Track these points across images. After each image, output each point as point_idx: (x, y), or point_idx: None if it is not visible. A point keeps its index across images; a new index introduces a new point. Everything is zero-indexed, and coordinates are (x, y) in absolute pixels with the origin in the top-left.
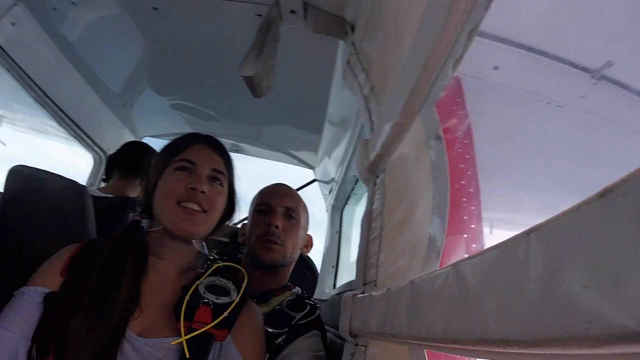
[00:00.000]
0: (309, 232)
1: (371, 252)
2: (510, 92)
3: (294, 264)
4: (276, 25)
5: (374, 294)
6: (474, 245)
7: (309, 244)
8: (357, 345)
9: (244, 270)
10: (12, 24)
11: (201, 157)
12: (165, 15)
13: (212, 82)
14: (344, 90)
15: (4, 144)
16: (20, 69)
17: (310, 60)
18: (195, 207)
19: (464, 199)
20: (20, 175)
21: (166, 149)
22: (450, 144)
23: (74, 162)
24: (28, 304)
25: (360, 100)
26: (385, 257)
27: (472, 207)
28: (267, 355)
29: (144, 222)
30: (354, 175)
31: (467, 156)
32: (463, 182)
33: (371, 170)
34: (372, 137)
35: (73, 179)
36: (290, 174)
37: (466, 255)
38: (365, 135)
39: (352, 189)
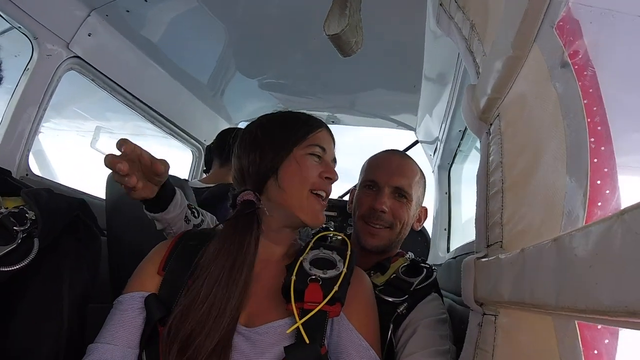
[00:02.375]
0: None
1: (493, 210)
2: (623, 19)
3: (402, 239)
4: None
5: (502, 256)
6: (607, 192)
7: (422, 217)
8: (484, 314)
9: (345, 237)
10: (89, 34)
11: (328, 144)
12: None
13: (299, 56)
14: (438, 43)
15: (104, 154)
16: (105, 76)
17: (399, 14)
18: (324, 195)
19: (592, 139)
20: None
21: (290, 124)
22: (579, 72)
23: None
24: (128, 312)
25: (460, 43)
26: (511, 214)
27: (602, 148)
28: (391, 326)
29: (261, 206)
30: (460, 131)
31: (591, 90)
32: (588, 119)
33: (482, 118)
34: (479, 81)
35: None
36: (392, 140)
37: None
38: (468, 85)
39: (458, 146)
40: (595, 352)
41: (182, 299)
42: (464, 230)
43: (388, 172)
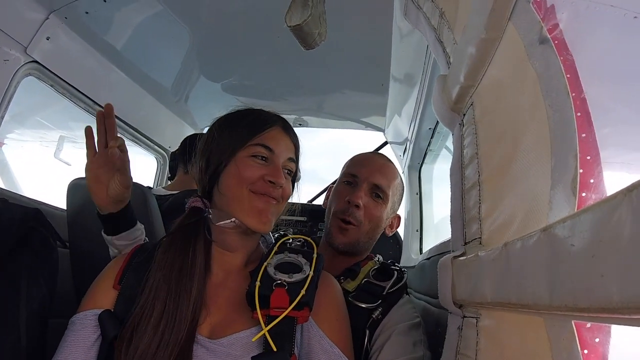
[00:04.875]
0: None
1: (469, 205)
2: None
3: (374, 243)
4: None
5: (482, 253)
6: (591, 181)
7: (394, 225)
8: (464, 317)
9: (310, 240)
10: (47, 38)
11: (278, 144)
12: None
13: (264, 57)
14: (405, 41)
15: (69, 165)
16: (65, 82)
17: (365, 13)
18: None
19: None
20: (80, 187)
21: (236, 126)
22: (560, 46)
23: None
24: (81, 332)
25: (429, 34)
26: (490, 208)
27: (584, 135)
28: (367, 332)
29: (211, 213)
30: (430, 128)
31: (568, 75)
32: (573, 94)
33: (455, 109)
34: (451, 70)
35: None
36: (360, 142)
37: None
38: (438, 75)
39: (428, 145)
40: (586, 351)
41: (134, 313)
42: (437, 231)
43: (370, 169)
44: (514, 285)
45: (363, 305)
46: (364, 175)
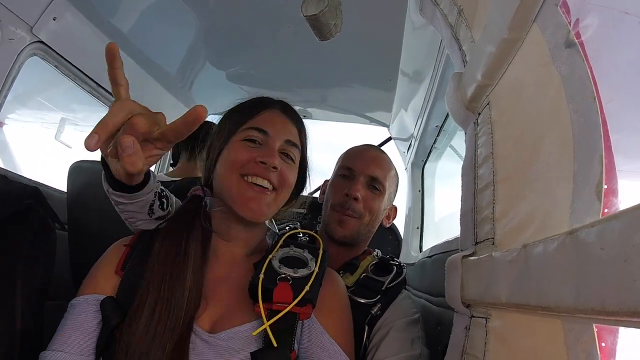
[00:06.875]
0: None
1: (482, 205)
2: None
3: (372, 235)
4: None
5: (496, 254)
6: (605, 187)
7: (391, 215)
8: (472, 317)
9: (317, 236)
10: (54, 18)
11: (274, 126)
12: None
13: (271, 47)
14: (416, 35)
15: (69, 147)
16: (70, 63)
17: (377, 6)
18: (265, 183)
19: None
20: (81, 170)
21: (233, 113)
22: (586, 52)
23: None
24: (82, 317)
25: (444, 31)
26: (504, 209)
27: None
28: (367, 328)
29: (208, 200)
30: (436, 126)
31: (594, 80)
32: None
33: (470, 108)
34: (467, 68)
35: None
36: (364, 137)
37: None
38: (447, 81)
39: (434, 143)
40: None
41: (137, 302)
42: (438, 229)
43: (365, 162)
44: (533, 286)
45: (362, 301)
46: (360, 168)
